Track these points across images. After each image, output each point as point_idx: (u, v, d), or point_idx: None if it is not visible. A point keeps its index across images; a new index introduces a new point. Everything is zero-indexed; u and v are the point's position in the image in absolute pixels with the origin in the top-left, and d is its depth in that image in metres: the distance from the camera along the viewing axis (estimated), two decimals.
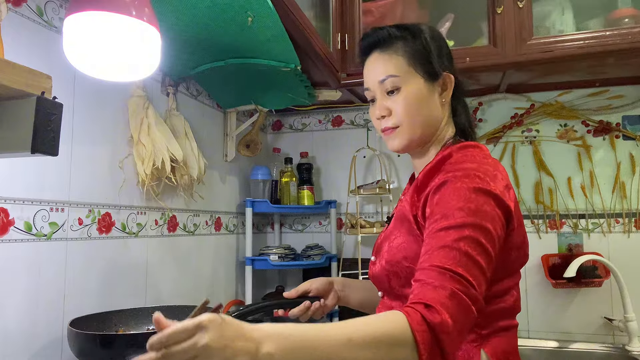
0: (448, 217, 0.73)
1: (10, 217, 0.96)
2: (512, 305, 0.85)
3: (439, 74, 0.90)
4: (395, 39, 0.91)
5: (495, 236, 0.73)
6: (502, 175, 0.81)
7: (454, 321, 0.64)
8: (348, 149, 2.08)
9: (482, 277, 0.69)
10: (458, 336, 0.65)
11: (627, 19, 1.53)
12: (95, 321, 1.06)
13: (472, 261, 0.69)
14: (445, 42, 0.95)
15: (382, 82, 0.90)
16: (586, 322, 1.75)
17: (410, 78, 0.89)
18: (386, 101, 0.91)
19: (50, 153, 0.75)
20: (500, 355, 0.81)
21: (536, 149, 1.87)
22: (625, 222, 1.76)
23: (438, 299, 0.65)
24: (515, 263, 0.85)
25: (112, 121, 1.25)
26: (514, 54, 1.55)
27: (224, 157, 1.82)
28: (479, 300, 0.68)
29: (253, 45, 1.32)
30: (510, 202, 0.78)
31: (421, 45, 0.90)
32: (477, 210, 0.73)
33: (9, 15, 0.96)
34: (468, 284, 0.67)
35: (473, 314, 0.67)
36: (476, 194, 0.74)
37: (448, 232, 0.72)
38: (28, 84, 0.72)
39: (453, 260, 0.68)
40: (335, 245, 2.01)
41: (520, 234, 0.84)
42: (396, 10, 1.78)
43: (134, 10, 0.81)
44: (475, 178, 0.76)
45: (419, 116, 0.89)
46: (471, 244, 0.70)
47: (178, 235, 1.51)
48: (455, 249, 0.69)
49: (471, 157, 0.83)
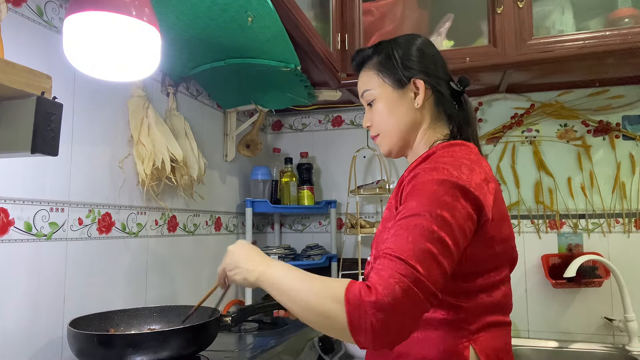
0: (408, 208, 0.76)
1: (10, 217, 0.96)
2: (501, 301, 0.85)
3: (404, 81, 0.95)
4: (369, 57, 1.00)
5: (453, 225, 0.73)
6: (480, 170, 0.82)
7: (390, 302, 0.65)
8: (348, 149, 2.08)
9: (432, 263, 0.69)
10: (395, 317, 0.66)
11: (627, 19, 1.53)
12: (95, 321, 1.06)
13: (420, 248, 0.70)
14: (422, 49, 0.97)
15: (362, 96, 1.00)
16: (586, 322, 1.75)
17: (380, 89, 0.97)
18: (369, 113, 1.00)
19: (50, 153, 0.75)
20: (489, 352, 0.81)
21: (536, 149, 1.87)
22: (625, 222, 1.76)
23: (378, 280, 0.68)
24: (501, 257, 0.86)
25: (112, 121, 1.25)
26: (514, 54, 1.55)
27: (224, 157, 1.82)
28: (425, 284, 0.68)
29: (253, 45, 1.32)
30: (485, 195, 0.79)
31: (387, 55, 0.97)
32: (436, 200, 0.74)
33: (9, 15, 0.96)
34: (412, 268, 0.68)
35: (418, 297, 0.67)
36: (439, 185, 0.76)
37: (403, 220, 0.74)
38: (28, 84, 0.72)
39: (400, 246, 0.70)
40: (335, 245, 2.01)
41: (501, 228, 0.84)
42: (396, 10, 1.78)
43: (134, 10, 0.81)
44: (443, 171, 0.78)
45: (390, 122, 0.96)
46: (422, 232, 0.71)
47: (178, 236, 1.51)
48: (403, 236, 0.72)
49: (451, 153, 0.85)
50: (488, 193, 0.80)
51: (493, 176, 0.86)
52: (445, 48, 1.67)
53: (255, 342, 1.34)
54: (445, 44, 1.68)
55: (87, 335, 0.93)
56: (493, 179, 0.85)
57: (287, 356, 1.29)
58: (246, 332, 1.46)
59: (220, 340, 1.10)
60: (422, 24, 1.79)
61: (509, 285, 0.89)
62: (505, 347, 0.86)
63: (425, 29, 1.77)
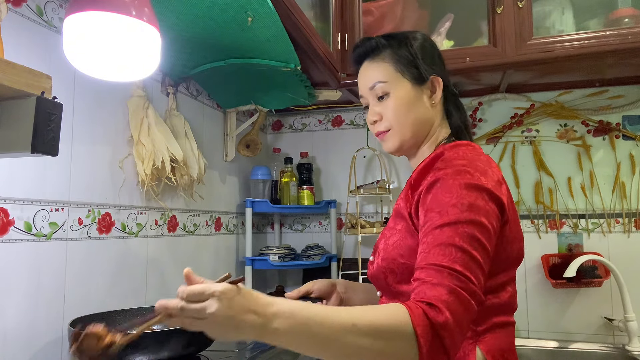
0: (442, 214, 0.74)
1: (10, 217, 0.96)
2: (508, 302, 0.85)
3: (425, 77, 0.93)
4: (383, 48, 0.95)
5: (490, 229, 0.74)
6: (493, 171, 0.82)
7: (454, 318, 0.65)
8: (348, 149, 2.08)
9: (479, 271, 0.70)
10: (459, 332, 0.66)
11: (627, 19, 1.53)
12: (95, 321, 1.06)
13: (468, 256, 0.69)
14: (434, 47, 0.98)
15: (372, 88, 0.95)
16: (586, 322, 1.75)
17: (397, 83, 0.93)
18: (377, 106, 0.95)
19: (50, 153, 0.75)
20: (495, 353, 0.81)
21: (536, 149, 1.87)
22: (625, 222, 1.76)
23: (438, 296, 0.66)
24: (510, 258, 0.86)
25: (112, 121, 1.25)
26: (514, 54, 1.55)
27: (224, 157, 1.82)
28: (478, 294, 0.68)
29: (253, 45, 1.32)
30: (503, 196, 0.79)
31: (407, 51, 0.94)
32: (471, 206, 0.74)
33: (9, 15, 0.96)
34: (466, 279, 0.68)
35: (473, 309, 0.68)
36: (468, 190, 0.76)
37: (443, 229, 0.73)
38: (28, 84, 0.72)
39: (450, 257, 0.69)
40: (335, 245, 2.01)
41: (514, 229, 0.84)
42: (396, 10, 1.78)
43: (134, 10, 0.81)
44: (466, 174, 0.78)
45: (408, 119, 0.93)
46: (467, 240, 0.71)
47: (178, 235, 1.51)
48: (451, 245, 0.71)
49: (463, 155, 0.84)
50: (503, 194, 0.80)
51: (503, 177, 0.86)
52: (445, 48, 1.67)
53: (255, 342, 1.34)
54: (445, 44, 1.68)
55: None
56: (504, 180, 0.85)
57: (287, 356, 1.29)
58: None
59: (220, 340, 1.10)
60: (422, 24, 1.78)
61: (514, 286, 0.89)
62: (510, 347, 0.86)
63: (425, 29, 1.76)
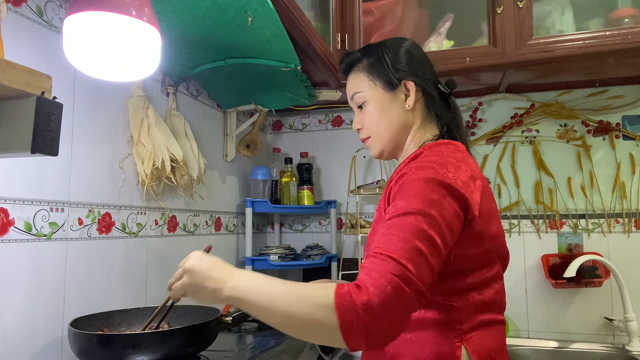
0: (396, 207, 0.76)
1: (10, 217, 0.96)
2: (493, 299, 0.85)
3: (395, 83, 0.95)
4: (358, 60, 1.00)
5: (440, 222, 0.74)
6: (467, 167, 0.83)
7: (380, 300, 0.65)
8: (348, 149, 2.08)
9: (421, 261, 0.70)
10: (387, 315, 0.66)
11: (627, 19, 1.53)
12: (95, 321, 1.06)
13: (410, 246, 0.70)
14: (411, 52, 0.98)
15: (352, 99, 1.01)
16: (586, 322, 1.75)
17: (371, 91, 0.97)
18: (359, 115, 1.01)
19: (50, 153, 0.75)
20: (482, 352, 0.81)
21: (536, 149, 1.87)
22: (625, 222, 1.76)
23: (368, 279, 0.67)
24: (491, 254, 0.85)
25: (112, 121, 1.25)
26: (514, 54, 1.55)
27: (224, 157, 1.82)
28: (414, 282, 0.68)
29: (253, 45, 1.32)
30: (473, 192, 0.80)
31: (377, 58, 0.97)
32: (423, 199, 0.75)
33: (9, 15, 0.96)
34: (402, 267, 0.67)
35: (408, 296, 0.67)
36: (424, 183, 0.77)
37: (392, 220, 0.74)
38: (28, 84, 0.72)
39: (389, 246, 0.70)
40: (335, 245, 2.01)
41: (489, 224, 0.84)
42: (396, 10, 1.78)
43: (134, 10, 0.81)
44: (430, 169, 0.79)
45: (382, 124, 0.96)
46: (410, 230, 0.72)
47: (178, 235, 1.51)
48: (393, 234, 0.72)
49: (438, 152, 0.85)
50: (475, 190, 0.81)
51: (480, 173, 0.86)
52: (445, 48, 1.67)
53: (255, 342, 1.34)
54: (445, 44, 1.68)
55: (88, 335, 0.93)
56: (480, 176, 0.85)
57: (287, 356, 1.29)
58: (246, 332, 1.46)
59: (220, 340, 1.10)
60: (422, 24, 1.79)
61: (502, 283, 0.89)
62: (498, 346, 0.85)
63: (425, 29, 1.77)
